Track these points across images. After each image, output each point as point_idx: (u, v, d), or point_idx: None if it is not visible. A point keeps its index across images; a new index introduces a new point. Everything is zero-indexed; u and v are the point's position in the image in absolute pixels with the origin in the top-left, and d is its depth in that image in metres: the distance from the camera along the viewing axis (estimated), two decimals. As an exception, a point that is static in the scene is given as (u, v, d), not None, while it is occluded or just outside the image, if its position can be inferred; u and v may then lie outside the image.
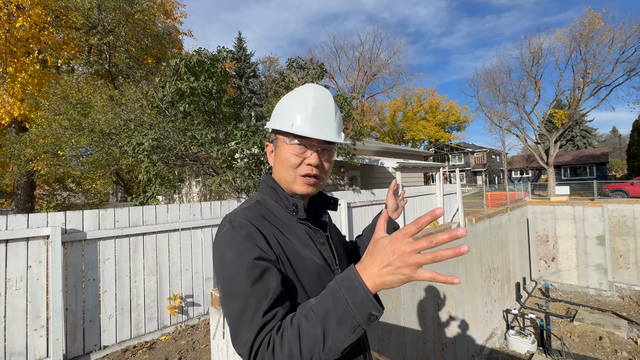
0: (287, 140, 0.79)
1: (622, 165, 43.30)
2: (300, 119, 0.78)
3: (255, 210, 0.78)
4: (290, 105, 0.82)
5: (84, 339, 3.09)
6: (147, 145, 4.35)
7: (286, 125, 0.79)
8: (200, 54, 4.82)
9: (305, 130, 0.77)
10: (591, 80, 18.41)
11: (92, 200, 9.10)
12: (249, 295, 0.62)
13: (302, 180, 0.80)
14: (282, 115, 0.82)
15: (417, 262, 0.52)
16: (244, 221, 0.72)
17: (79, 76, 8.48)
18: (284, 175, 0.81)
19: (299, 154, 0.79)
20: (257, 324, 0.60)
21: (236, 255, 0.66)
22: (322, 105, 0.80)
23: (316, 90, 0.82)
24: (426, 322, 3.86)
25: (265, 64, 29.25)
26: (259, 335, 0.59)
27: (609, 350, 5.24)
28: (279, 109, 0.85)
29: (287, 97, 0.86)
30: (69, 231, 3.07)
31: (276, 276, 0.67)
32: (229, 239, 0.69)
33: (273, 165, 0.86)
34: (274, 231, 0.74)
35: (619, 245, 7.69)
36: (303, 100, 0.80)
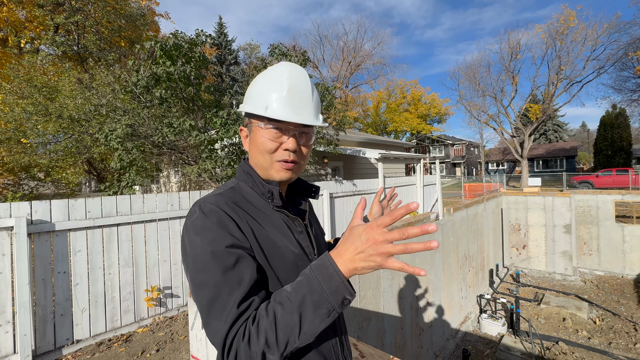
0: (262, 124, 0.74)
1: (590, 159, 45.92)
2: (274, 101, 0.72)
3: (228, 196, 0.74)
4: (264, 85, 0.75)
5: (55, 333, 2.97)
6: (120, 132, 4.14)
7: (260, 108, 0.73)
8: (177, 37, 4.59)
9: (280, 114, 0.72)
10: (564, 76, 19.22)
11: (63, 190, 8.64)
12: (220, 285, 0.60)
13: (279, 165, 0.76)
14: (255, 97, 0.76)
15: (388, 251, 0.54)
16: (215, 207, 0.68)
17: (44, 57, 7.90)
18: (260, 161, 0.77)
19: (275, 139, 0.74)
20: (232, 314, 0.58)
21: (206, 242, 0.63)
22: (298, 85, 0.74)
23: (290, 68, 0.76)
24: (405, 308, 3.99)
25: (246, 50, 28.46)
26: (234, 326, 0.57)
27: (571, 330, 5.63)
28: (251, 89, 0.79)
29: (260, 77, 0.78)
30: (36, 222, 2.90)
31: (251, 264, 0.64)
32: (199, 225, 0.65)
33: (249, 150, 0.81)
34: (247, 218, 0.71)
35: (584, 234, 8.21)
36: (277, 80, 0.74)
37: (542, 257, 8.33)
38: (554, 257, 8.16)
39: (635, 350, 4.90)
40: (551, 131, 43.69)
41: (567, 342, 5.19)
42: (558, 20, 18.68)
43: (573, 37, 18.43)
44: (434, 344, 4.66)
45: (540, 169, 34.65)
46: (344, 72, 27.75)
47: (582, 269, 8.17)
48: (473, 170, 41.04)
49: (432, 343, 4.60)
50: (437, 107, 35.41)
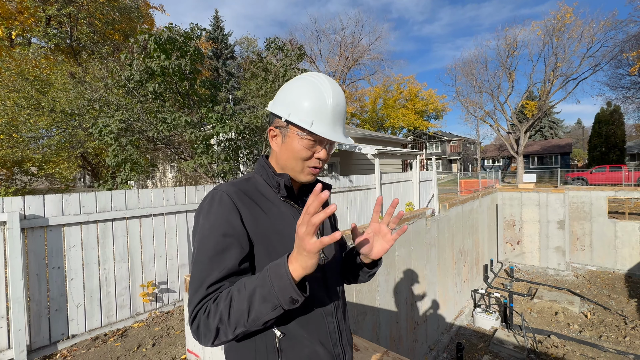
0: (302, 134, 0.80)
1: (584, 155, 46.35)
2: (320, 119, 0.79)
3: (240, 185, 0.81)
4: (308, 99, 0.80)
5: (50, 328, 2.96)
6: (114, 127, 4.09)
7: (306, 122, 0.78)
8: (171, 30, 4.53)
9: (324, 131, 0.79)
10: (560, 73, 19.30)
11: (57, 185, 8.54)
12: (206, 265, 0.71)
13: (309, 170, 0.84)
14: (298, 107, 0.80)
15: (304, 232, 0.60)
16: (224, 196, 0.76)
17: (36, 50, 7.76)
18: (291, 165, 0.83)
19: (310, 148, 0.82)
20: (202, 291, 0.69)
21: (208, 227, 0.73)
22: (339, 105, 0.82)
23: (334, 87, 0.82)
24: (400, 302, 4.03)
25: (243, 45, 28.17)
26: (201, 301, 0.68)
27: (563, 324, 5.73)
28: (292, 97, 0.81)
29: (304, 87, 0.82)
30: (29, 217, 2.87)
31: (236, 255, 0.72)
32: (207, 209, 0.75)
33: (277, 151, 0.85)
34: (253, 207, 0.78)
35: (577, 229, 8.32)
36: (322, 98, 0.80)
37: (536, 252, 8.43)
38: (548, 252, 8.27)
39: (624, 343, 5.01)
40: (547, 128, 43.98)
41: (558, 335, 5.29)
42: (555, 17, 18.69)
43: (570, 34, 18.47)
44: (429, 338, 4.72)
45: (535, 166, 34.93)
46: (342, 68, 27.62)
47: (575, 264, 8.29)
48: (469, 166, 41.26)
49: (426, 337, 4.66)
50: (434, 104, 35.42)
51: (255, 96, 5.70)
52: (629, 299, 6.42)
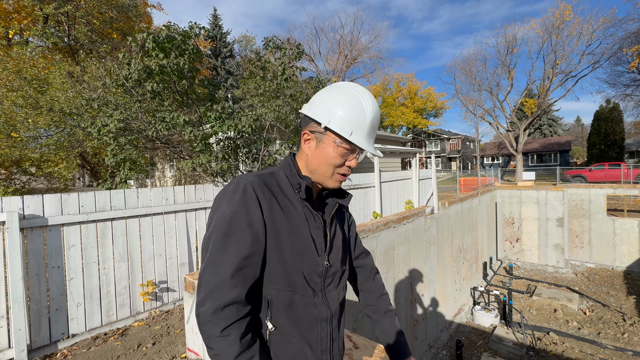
0: (338, 142, 0.82)
1: (583, 153, 46.38)
2: (359, 131, 0.83)
3: (264, 178, 0.83)
4: (350, 109, 0.82)
5: (50, 328, 2.96)
6: (112, 127, 4.08)
7: (346, 131, 0.81)
8: (169, 29, 4.51)
9: (361, 142, 0.83)
10: (560, 71, 19.29)
11: (56, 185, 8.53)
12: (222, 247, 0.74)
13: (337, 177, 0.87)
14: (338, 117, 0.82)
15: None
16: (249, 186, 0.79)
17: (33, 49, 7.72)
18: (322, 170, 0.86)
19: (343, 156, 0.84)
20: (227, 287, 0.71)
21: (230, 212, 0.76)
22: (375, 119, 0.86)
23: (373, 100, 0.86)
24: (399, 300, 4.04)
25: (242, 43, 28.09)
26: (225, 309, 0.70)
27: (562, 321, 5.75)
28: (332, 105, 0.83)
29: (346, 97, 0.84)
30: (28, 217, 2.87)
31: (252, 245, 0.75)
32: (229, 195, 0.78)
33: (309, 155, 0.87)
34: (272, 201, 0.81)
35: (576, 227, 8.34)
36: (363, 110, 0.83)
37: (535, 249, 8.46)
38: (547, 249, 8.29)
39: (623, 339, 5.03)
40: (546, 125, 43.99)
41: (557, 332, 5.31)
42: (554, 14, 18.66)
43: (569, 31, 18.46)
44: (428, 335, 4.73)
45: (534, 163, 34.95)
46: (341, 66, 27.56)
47: (574, 261, 8.32)
48: (468, 164, 41.28)
49: (426, 334, 4.67)
50: (433, 101, 35.40)
51: (253, 95, 5.69)
52: (628, 296, 6.45)
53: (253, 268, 0.76)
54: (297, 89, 5.33)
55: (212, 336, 0.70)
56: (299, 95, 5.31)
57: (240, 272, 0.73)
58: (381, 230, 3.55)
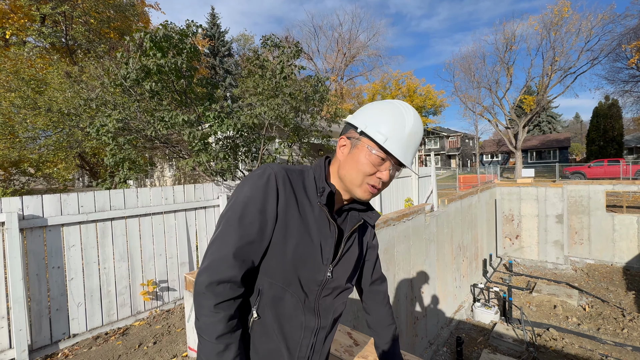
0: (371, 148, 0.80)
1: (582, 149, 46.43)
2: (395, 138, 0.80)
3: (290, 173, 0.84)
4: (389, 118, 0.81)
5: (51, 328, 2.97)
6: (111, 127, 4.08)
7: (381, 137, 0.79)
8: (167, 28, 4.49)
9: (396, 151, 0.80)
10: (558, 67, 19.28)
11: (55, 185, 8.51)
12: (234, 225, 0.76)
13: (367, 187, 0.83)
14: (376, 123, 0.81)
15: None
16: (272, 175, 0.79)
17: (31, 49, 7.68)
18: (353, 177, 0.83)
19: (376, 165, 0.81)
20: (229, 254, 0.74)
21: (248, 194, 0.78)
22: (416, 133, 0.83)
23: (416, 116, 0.84)
24: (400, 298, 4.05)
25: (240, 42, 28.01)
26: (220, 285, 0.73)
27: (562, 317, 5.77)
28: (374, 114, 0.83)
29: (388, 108, 0.83)
30: (27, 217, 2.87)
31: (260, 231, 0.77)
32: (254, 179, 0.80)
33: (342, 160, 0.86)
34: (291, 197, 0.81)
35: (575, 223, 8.35)
36: (402, 121, 0.81)
37: (535, 246, 8.47)
38: (546, 246, 8.31)
39: (622, 335, 5.05)
40: (545, 122, 44.00)
41: (557, 328, 5.33)
42: (552, 11, 18.63)
43: (567, 28, 18.43)
44: (429, 333, 4.75)
45: (533, 160, 34.97)
46: (339, 64, 27.51)
47: (573, 257, 8.34)
48: (468, 161, 41.29)
49: (426, 331, 4.69)
50: (432, 99, 35.36)
51: (252, 94, 5.68)
52: (627, 292, 6.47)
53: (252, 255, 0.78)
54: (296, 88, 5.32)
55: (203, 309, 0.73)
56: (297, 94, 5.29)
57: (241, 254, 0.75)
58: (381, 228, 3.56)
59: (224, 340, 0.73)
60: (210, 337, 0.73)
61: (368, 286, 1.11)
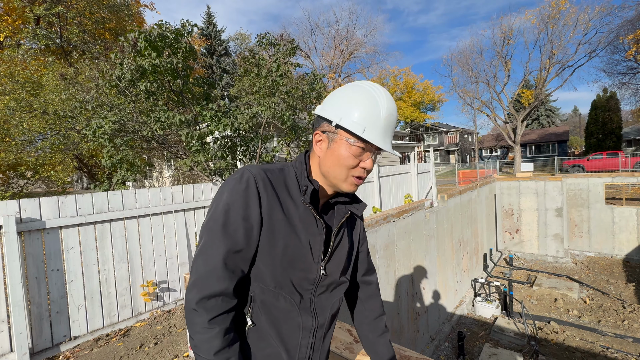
0: (351, 140, 0.78)
1: (581, 143, 46.40)
2: (372, 126, 0.78)
3: (270, 173, 0.80)
4: (363, 105, 0.78)
5: (52, 330, 2.97)
6: (107, 128, 4.05)
7: (359, 128, 0.76)
8: (161, 27, 4.46)
9: (375, 139, 0.77)
10: (556, 61, 19.24)
11: (54, 188, 8.49)
12: (217, 235, 0.73)
13: (352, 180, 0.81)
14: (350, 113, 0.78)
15: None
16: (251, 178, 0.76)
17: (25, 51, 7.63)
18: (336, 172, 0.80)
19: (357, 156, 0.79)
20: (218, 263, 0.72)
21: (228, 202, 0.74)
22: (391, 115, 0.81)
23: (388, 96, 0.81)
24: (400, 294, 4.05)
25: (237, 41, 27.89)
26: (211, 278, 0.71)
27: (562, 310, 5.79)
28: (345, 103, 0.79)
29: (359, 94, 0.79)
30: (25, 220, 2.86)
31: (245, 238, 0.75)
32: (232, 185, 0.76)
33: (321, 157, 0.82)
34: (273, 199, 0.77)
35: (575, 216, 8.36)
36: (376, 106, 0.78)
37: (535, 240, 8.48)
38: (546, 240, 8.32)
39: (623, 327, 5.07)
40: (543, 116, 43.98)
41: (558, 321, 5.34)
42: (550, 4, 18.56)
43: (565, 21, 18.38)
44: (430, 328, 4.76)
45: (532, 154, 34.99)
46: (337, 61, 27.41)
47: (573, 250, 8.35)
48: (467, 157, 41.30)
49: (428, 327, 4.69)
50: (430, 95, 35.31)
51: (249, 93, 5.66)
52: (627, 284, 6.49)
53: (241, 264, 0.75)
54: (293, 85, 5.29)
55: (196, 326, 0.70)
56: (294, 92, 5.27)
57: (229, 265, 0.73)
58: (381, 225, 3.55)
59: (222, 356, 0.70)
60: (207, 354, 0.70)
61: (361, 277, 1.09)
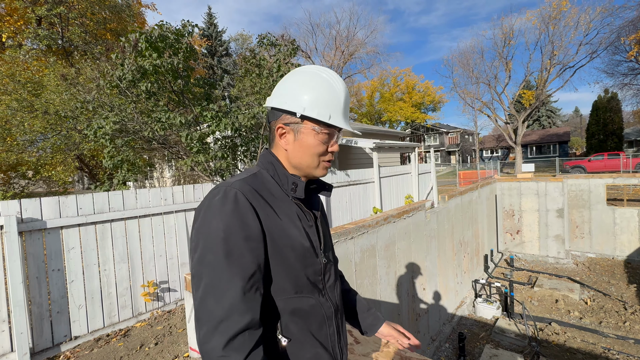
0: (318, 128, 0.79)
1: (582, 144, 46.34)
2: (336, 111, 0.80)
3: (251, 182, 0.76)
4: (323, 93, 0.79)
5: (52, 330, 2.97)
6: (108, 129, 4.06)
7: (324, 115, 0.78)
8: (162, 28, 4.47)
9: (340, 122, 0.80)
10: (557, 61, 19.20)
11: (54, 188, 8.50)
12: (224, 269, 0.64)
13: (324, 165, 0.84)
14: (312, 103, 0.78)
15: None
16: (239, 194, 0.70)
17: (27, 52, 7.65)
18: (308, 162, 0.82)
19: (325, 142, 0.81)
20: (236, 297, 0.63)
21: (223, 227, 0.66)
22: (347, 95, 0.84)
23: (339, 77, 0.83)
24: (401, 295, 4.04)
25: (238, 41, 27.93)
26: (234, 313, 0.62)
27: (563, 311, 5.77)
28: (303, 92, 0.79)
29: (314, 82, 0.80)
30: (26, 220, 2.86)
31: (257, 260, 0.69)
32: (217, 208, 0.67)
33: (289, 149, 0.82)
34: (266, 207, 0.74)
35: (576, 217, 8.34)
36: (334, 91, 0.80)
37: (536, 241, 8.46)
38: (547, 241, 8.30)
39: (624, 328, 5.05)
40: (544, 117, 43.93)
41: (559, 322, 5.32)
42: (550, 4, 18.54)
43: (566, 21, 18.35)
44: (431, 329, 4.75)
45: (533, 155, 34.94)
46: (337, 62, 27.42)
47: (574, 251, 8.33)
48: (468, 157, 41.25)
49: (428, 328, 4.68)
50: (431, 95, 35.29)
51: (250, 93, 5.66)
52: (628, 285, 6.47)
53: (259, 286, 0.69)
54: (294, 86, 5.28)
55: None
56: (295, 92, 5.26)
57: (249, 293, 0.65)
58: (381, 225, 3.55)
59: None
60: None
61: None
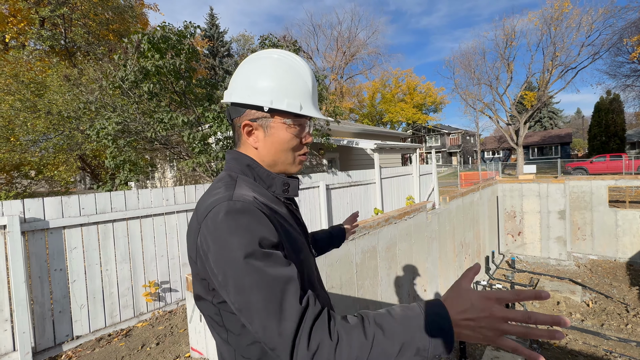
0: (289, 121, 0.71)
1: (584, 145, 46.21)
2: (304, 99, 0.72)
3: (241, 190, 0.67)
4: (290, 81, 0.71)
5: (54, 330, 2.98)
6: (110, 129, 4.08)
7: (294, 106, 0.70)
8: (164, 29, 4.49)
9: (311, 111, 0.72)
10: (559, 62, 19.15)
11: (57, 188, 8.54)
12: (270, 284, 0.56)
13: (299, 159, 0.77)
14: (280, 94, 0.70)
15: (504, 330, 0.52)
16: (246, 204, 0.61)
17: (30, 52, 7.70)
18: (283, 158, 0.74)
19: (299, 135, 0.74)
20: (296, 310, 0.55)
21: (246, 242, 0.57)
22: (314, 81, 0.76)
23: (304, 62, 0.75)
24: (402, 296, 4.04)
25: (240, 42, 28.00)
26: (304, 321, 0.54)
27: (565, 313, 5.75)
28: (269, 82, 0.70)
29: (280, 70, 0.71)
30: (29, 220, 2.87)
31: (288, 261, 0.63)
32: (233, 225, 0.58)
33: (260, 147, 0.74)
34: (270, 212, 0.67)
35: (577, 219, 8.31)
36: (301, 77, 0.72)
37: (537, 243, 8.44)
38: (549, 242, 8.27)
39: (626, 330, 5.03)
40: (546, 118, 43.83)
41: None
42: (552, 5, 18.51)
43: (568, 23, 18.31)
44: (432, 330, 4.74)
45: (535, 156, 34.86)
46: (339, 63, 27.47)
47: (576, 253, 8.30)
48: (469, 159, 41.19)
49: (429, 329, 4.68)
50: (432, 96, 35.27)
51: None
52: (631, 287, 6.44)
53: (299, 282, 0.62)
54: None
55: None
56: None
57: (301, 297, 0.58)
58: (382, 227, 3.55)
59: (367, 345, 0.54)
60: None
61: None
